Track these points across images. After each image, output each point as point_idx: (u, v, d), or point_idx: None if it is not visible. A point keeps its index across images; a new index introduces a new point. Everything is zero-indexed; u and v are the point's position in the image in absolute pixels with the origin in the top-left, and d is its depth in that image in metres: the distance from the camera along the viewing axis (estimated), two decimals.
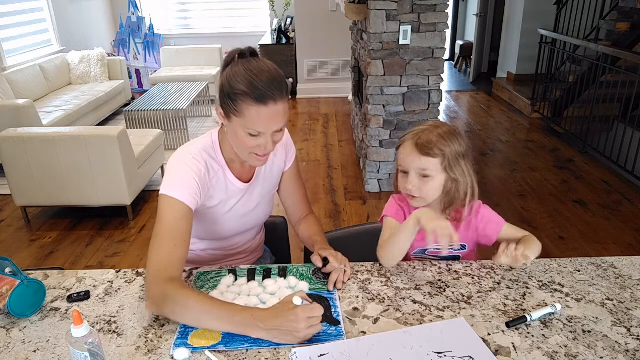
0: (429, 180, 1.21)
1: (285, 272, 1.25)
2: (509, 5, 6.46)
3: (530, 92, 5.44)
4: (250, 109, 1.10)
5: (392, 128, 3.45)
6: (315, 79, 6.29)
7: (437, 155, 1.19)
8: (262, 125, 1.13)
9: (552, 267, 1.26)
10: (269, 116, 1.12)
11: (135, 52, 6.40)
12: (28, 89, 4.71)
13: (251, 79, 1.10)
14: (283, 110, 1.15)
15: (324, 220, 3.26)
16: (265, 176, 1.39)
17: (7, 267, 1.15)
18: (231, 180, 1.30)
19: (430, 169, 1.20)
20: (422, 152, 1.19)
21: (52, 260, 2.84)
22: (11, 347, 1.02)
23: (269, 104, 1.11)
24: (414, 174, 1.21)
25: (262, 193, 1.40)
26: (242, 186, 1.32)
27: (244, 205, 1.36)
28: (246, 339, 1.02)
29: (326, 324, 1.05)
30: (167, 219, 1.13)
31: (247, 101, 1.10)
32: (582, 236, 2.97)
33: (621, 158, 3.71)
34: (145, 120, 4.54)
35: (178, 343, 1.01)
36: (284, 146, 1.42)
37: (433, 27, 3.19)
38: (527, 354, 0.96)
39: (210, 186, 1.26)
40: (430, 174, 1.20)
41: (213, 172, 1.26)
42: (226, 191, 1.30)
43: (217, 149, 1.27)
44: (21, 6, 5.20)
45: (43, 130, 3.12)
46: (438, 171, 1.21)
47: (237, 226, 1.38)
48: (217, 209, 1.31)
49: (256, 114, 1.11)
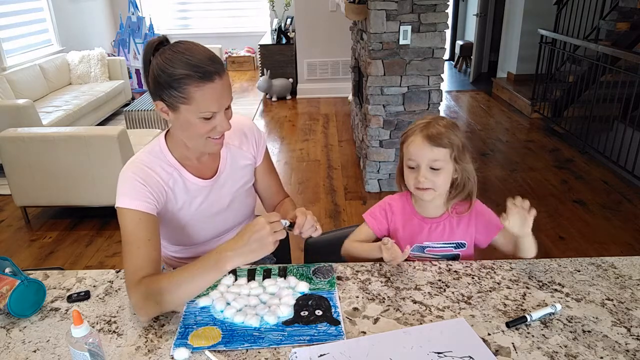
0: (440, 172, 1.23)
1: (285, 272, 1.25)
2: (509, 5, 6.45)
3: (530, 92, 5.44)
4: (197, 90, 1.06)
5: (392, 128, 3.45)
6: (315, 79, 6.29)
7: (447, 146, 1.21)
8: (214, 104, 1.09)
9: (552, 267, 1.26)
10: (219, 92, 1.09)
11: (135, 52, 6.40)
12: (28, 89, 4.71)
13: (187, 60, 1.05)
14: (228, 84, 1.12)
15: (324, 220, 3.26)
16: (233, 170, 1.34)
17: (7, 267, 1.15)
18: (189, 179, 1.26)
19: (441, 159, 1.22)
20: (433, 143, 1.21)
21: (52, 260, 2.84)
22: (11, 347, 1.02)
23: (215, 80, 1.07)
24: (425, 167, 1.22)
25: (234, 189, 1.35)
26: (203, 183, 1.28)
27: (213, 203, 1.31)
28: (246, 338, 1.02)
29: (326, 324, 1.05)
30: (126, 229, 1.13)
31: (192, 83, 1.05)
32: (582, 236, 2.97)
33: (621, 158, 3.71)
34: (145, 120, 4.54)
35: (178, 343, 1.01)
36: (250, 139, 1.37)
37: (433, 27, 3.19)
38: (527, 354, 0.96)
39: (168, 189, 1.23)
40: (441, 166, 1.22)
41: (167, 174, 1.22)
42: (186, 191, 1.26)
43: (165, 152, 1.23)
44: (21, 6, 5.20)
45: (43, 130, 3.12)
46: (447, 162, 1.23)
47: (211, 227, 1.34)
48: (183, 212, 1.27)
49: (206, 93, 1.07)
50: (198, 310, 1.12)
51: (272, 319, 1.06)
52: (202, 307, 1.13)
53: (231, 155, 1.33)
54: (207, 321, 1.08)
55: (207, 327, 1.06)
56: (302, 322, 1.06)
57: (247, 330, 1.04)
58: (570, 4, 4.89)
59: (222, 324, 1.07)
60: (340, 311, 1.10)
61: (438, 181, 1.23)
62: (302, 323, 1.06)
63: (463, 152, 1.24)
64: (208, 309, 1.12)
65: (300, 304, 1.12)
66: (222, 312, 1.10)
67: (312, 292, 1.17)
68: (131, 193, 1.15)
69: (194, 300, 1.14)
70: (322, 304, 1.11)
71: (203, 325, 1.07)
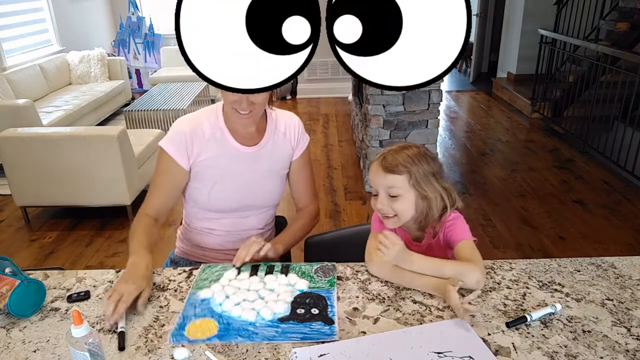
0: (399, 199, 1.20)
1: (288, 269, 1.26)
2: (509, 5, 6.46)
3: (530, 92, 5.44)
4: None
5: (392, 128, 3.45)
6: (315, 79, 6.29)
7: (402, 172, 1.19)
8: None
9: (552, 267, 1.26)
10: None
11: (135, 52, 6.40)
12: (28, 89, 4.71)
13: None
14: None
15: (324, 220, 3.26)
16: (273, 149, 1.45)
17: (7, 267, 1.15)
18: (230, 141, 1.38)
19: (398, 186, 1.19)
20: (386, 170, 1.20)
21: (52, 260, 2.84)
22: (11, 347, 1.02)
23: None
24: (382, 193, 1.21)
25: (270, 169, 1.45)
26: (242, 149, 1.39)
27: (250, 173, 1.41)
28: (241, 332, 1.03)
29: (321, 323, 1.05)
30: (157, 169, 1.40)
31: None
32: (582, 236, 2.97)
33: (621, 158, 3.71)
34: (145, 120, 4.54)
35: (175, 333, 1.02)
36: (295, 132, 1.49)
37: None
38: (527, 354, 0.96)
39: (205, 141, 1.35)
40: (398, 192, 1.19)
41: (211, 130, 1.36)
42: (225, 151, 1.38)
43: (219, 114, 1.39)
44: (21, 6, 5.20)
45: (43, 130, 3.12)
46: (406, 189, 1.19)
47: (236, 198, 1.42)
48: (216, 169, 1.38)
49: None
50: (199, 302, 1.13)
51: (268, 315, 1.07)
52: (202, 299, 1.14)
53: (275, 137, 1.46)
54: (205, 313, 1.09)
55: (204, 319, 1.07)
56: (297, 320, 1.06)
57: (242, 324, 1.05)
58: (570, 4, 4.89)
59: (220, 317, 1.08)
60: (335, 311, 1.10)
61: (397, 208, 1.20)
62: (297, 320, 1.06)
63: (426, 180, 1.20)
64: (208, 301, 1.13)
65: (298, 302, 1.12)
66: (221, 305, 1.11)
67: (310, 290, 1.17)
68: (174, 139, 1.37)
69: (196, 292, 1.16)
70: (319, 303, 1.11)
71: (201, 317, 1.08)
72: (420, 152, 1.24)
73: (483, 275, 1.14)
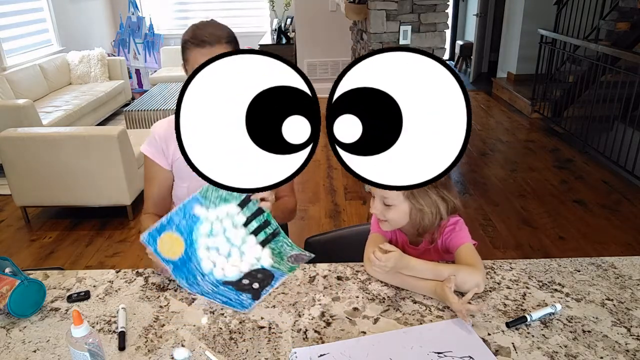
0: (392, 208, 1.21)
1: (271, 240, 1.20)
2: (509, 5, 6.45)
3: (530, 92, 5.44)
4: (191, 53, 1.28)
5: None
6: (315, 79, 6.26)
7: None
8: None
9: (552, 267, 1.26)
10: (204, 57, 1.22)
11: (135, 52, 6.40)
12: (28, 89, 4.71)
13: (194, 30, 1.31)
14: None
15: (324, 220, 3.26)
16: None
17: (7, 267, 1.15)
18: None
19: (391, 197, 1.19)
20: None
21: (52, 260, 2.84)
22: (11, 347, 1.02)
23: (205, 47, 1.26)
24: (377, 199, 1.23)
25: None
26: None
27: None
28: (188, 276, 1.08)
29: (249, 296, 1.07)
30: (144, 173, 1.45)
31: (190, 47, 1.28)
32: (582, 236, 2.97)
33: (621, 158, 3.71)
34: (145, 120, 4.54)
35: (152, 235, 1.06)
36: None
37: (433, 27, 3.19)
38: (527, 354, 0.96)
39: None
40: (391, 202, 1.20)
41: None
42: None
43: None
44: (21, 6, 5.20)
45: (43, 130, 3.12)
46: (399, 200, 1.19)
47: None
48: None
49: (194, 55, 1.27)
50: (190, 214, 1.12)
51: (218, 274, 1.10)
52: (194, 214, 1.12)
53: None
54: (184, 232, 1.09)
55: (179, 239, 1.07)
56: (236, 287, 1.07)
57: (196, 269, 1.08)
58: (570, 4, 4.89)
59: (189, 247, 1.09)
60: (271, 291, 1.11)
61: (389, 216, 1.22)
62: (235, 288, 1.07)
63: (424, 193, 1.19)
64: (195, 221, 1.12)
65: (250, 274, 1.13)
66: (199, 237, 1.11)
67: (268, 268, 1.16)
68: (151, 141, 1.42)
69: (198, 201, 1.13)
70: (264, 280, 1.11)
71: (179, 232, 1.08)
72: None
73: (483, 279, 1.14)
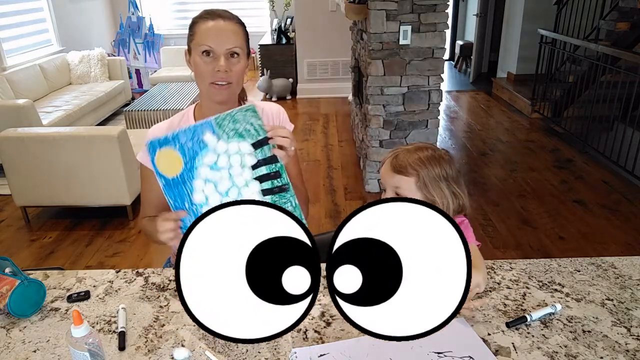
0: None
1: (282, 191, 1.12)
2: (509, 5, 6.45)
3: (530, 92, 5.44)
4: (200, 25, 1.23)
5: (392, 128, 3.45)
6: (315, 79, 6.29)
7: (411, 175, 1.18)
8: (211, 38, 1.21)
9: (552, 267, 1.26)
10: (218, 30, 1.21)
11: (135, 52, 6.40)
12: (28, 89, 4.71)
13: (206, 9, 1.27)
14: (233, 31, 1.23)
15: (324, 220, 3.26)
16: None
17: (7, 267, 1.15)
18: None
19: (404, 187, 1.19)
20: (395, 170, 1.20)
21: (52, 260, 2.84)
22: (11, 347, 1.02)
23: (216, 19, 1.22)
24: (390, 192, 1.22)
25: None
26: None
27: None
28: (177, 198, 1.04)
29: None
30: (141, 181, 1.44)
31: (199, 22, 1.24)
32: (582, 236, 2.97)
33: (621, 158, 3.71)
34: (145, 120, 4.54)
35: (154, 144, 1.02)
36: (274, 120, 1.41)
37: (433, 27, 3.19)
38: (527, 354, 0.96)
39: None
40: (403, 193, 1.19)
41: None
42: None
43: (189, 114, 1.39)
44: (21, 6, 5.20)
45: (43, 130, 3.12)
46: (412, 190, 1.19)
47: None
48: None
49: (206, 27, 1.22)
50: (198, 139, 1.04)
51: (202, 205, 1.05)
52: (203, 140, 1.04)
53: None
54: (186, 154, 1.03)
55: (179, 157, 1.03)
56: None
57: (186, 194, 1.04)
58: (570, 4, 4.89)
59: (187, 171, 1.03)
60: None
61: None
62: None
63: (436, 184, 1.19)
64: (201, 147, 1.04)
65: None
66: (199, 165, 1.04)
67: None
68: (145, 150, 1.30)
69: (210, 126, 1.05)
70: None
71: (182, 152, 1.02)
72: (435, 155, 1.22)
73: (484, 280, 1.14)
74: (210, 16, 1.24)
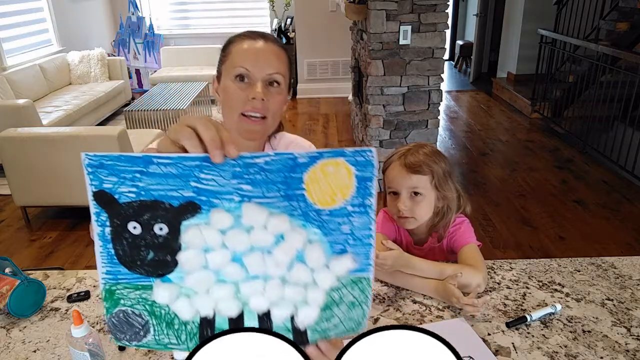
0: (421, 200, 1.19)
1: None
2: (509, 5, 6.45)
3: (530, 92, 5.44)
4: (236, 45, 1.04)
5: (392, 128, 3.45)
6: (315, 79, 6.29)
7: (427, 173, 1.18)
8: (248, 59, 1.00)
9: (552, 267, 1.26)
10: (257, 50, 1.01)
11: (135, 52, 6.40)
12: (28, 89, 4.71)
13: (246, 31, 1.08)
14: (275, 54, 1.03)
15: None
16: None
17: (7, 267, 1.15)
18: None
19: (421, 186, 1.19)
20: (411, 170, 1.18)
21: (52, 260, 2.84)
22: (11, 347, 1.02)
23: (256, 39, 1.03)
24: (405, 194, 1.19)
25: None
26: None
27: None
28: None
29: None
30: None
31: (235, 41, 1.05)
32: (582, 236, 2.97)
33: (621, 158, 3.71)
34: (145, 120, 4.54)
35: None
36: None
37: (433, 27, 3.19)
38: (527, 354, 0.96)
39: None
40: (421, 192, 1.19)
41: None
42: None
43: None
44: (21, 6, 5.20)
45: (43, 130, 3.12)
46: (428, 189, 1.19)
47: None
48: None
49: (243, 47, 1.02)
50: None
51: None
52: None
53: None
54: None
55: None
56: None
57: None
58: (570, 4, 4.89)
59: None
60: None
61: (418, 210, 1.20)
62: None
63: (445, 180, 1.20)
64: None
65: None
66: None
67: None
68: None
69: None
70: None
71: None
72: (434, 150, 1.23)
73: (484, 280, 1.14)
74: (250, 36, 1.04)
